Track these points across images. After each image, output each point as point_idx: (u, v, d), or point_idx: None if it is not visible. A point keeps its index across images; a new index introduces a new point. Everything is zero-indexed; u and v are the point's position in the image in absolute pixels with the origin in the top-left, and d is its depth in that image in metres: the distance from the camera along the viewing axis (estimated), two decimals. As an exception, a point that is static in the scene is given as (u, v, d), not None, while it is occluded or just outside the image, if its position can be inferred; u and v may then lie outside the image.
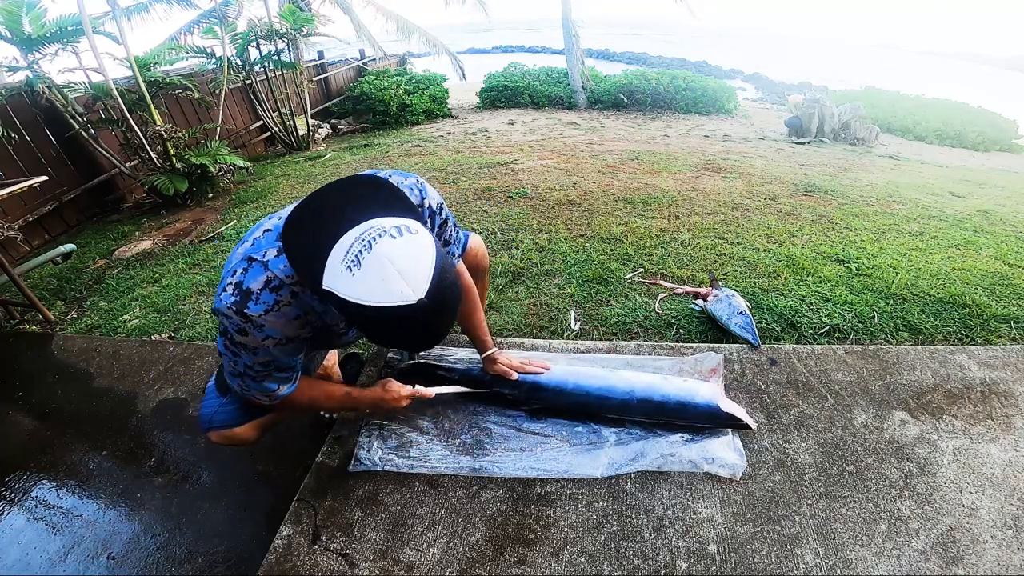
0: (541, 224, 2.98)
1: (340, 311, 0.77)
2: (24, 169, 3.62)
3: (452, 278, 0.78)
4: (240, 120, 6.21)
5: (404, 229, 0.75)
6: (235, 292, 0.86)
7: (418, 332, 0.78)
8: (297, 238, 0.81)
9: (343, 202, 0.81)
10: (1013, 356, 1.59)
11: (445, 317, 0.79)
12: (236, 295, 0.86)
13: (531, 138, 6.37)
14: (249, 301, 0.86)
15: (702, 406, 1.31)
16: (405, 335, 0.80)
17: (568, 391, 1.37)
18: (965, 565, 1.02)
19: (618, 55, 23.61)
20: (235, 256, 0.92)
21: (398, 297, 0.71)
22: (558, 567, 1.05)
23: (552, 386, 1.39)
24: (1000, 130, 9.50)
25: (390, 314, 0.72)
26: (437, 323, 0.78)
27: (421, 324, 0.75)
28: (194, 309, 2.39)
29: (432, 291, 0.73)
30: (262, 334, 0.89)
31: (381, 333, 0.80)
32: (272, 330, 0.89)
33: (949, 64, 35.73)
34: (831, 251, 2.52)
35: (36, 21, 3.37)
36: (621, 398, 1.34)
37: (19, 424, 1.77)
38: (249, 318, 0.86)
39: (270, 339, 0.90)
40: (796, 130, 7.54)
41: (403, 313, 0.72)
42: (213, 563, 1.24)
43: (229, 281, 0.87)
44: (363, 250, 0.72)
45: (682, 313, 1.99)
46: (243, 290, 0.86)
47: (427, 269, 0.73)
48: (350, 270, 0.72)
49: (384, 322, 0.74)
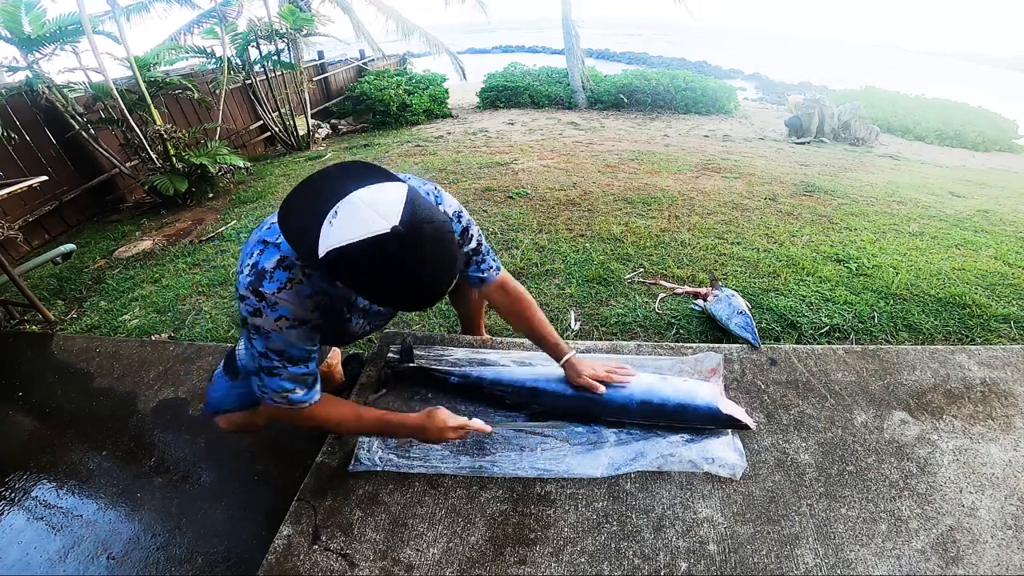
0: (541, 224, 2.98)
1: (334, 275, 0.79)
2: (24, 169, 3.62)
3: (430, 212, 0.78)
4: (240, 120, 6.21)
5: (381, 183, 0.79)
6: (251, 272, 0.90)
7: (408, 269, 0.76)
8: (293, 219, 0.83)
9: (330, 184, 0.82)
10: (1013, 356, 1.59)
11: (431, 254, 0.77)
12: (252, 275, 0.90)
13: (531, 138, 6.37)
14: (264, 279, 0.89)
15: (702, 408, 1.30)
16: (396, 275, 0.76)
17: (568, 395, 1.36)
18: (965, 565, 1.02)
19: (618, 55, 23.61)
20: (251, 241, 0.95)
21: (370, 228, 0.73)
22: (558, 567, 1.05)
23: (552, 389, 1.38)
24: (1000, 130, 9.50)
25: (368, 248, 0.73)
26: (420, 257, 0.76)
27: (406, 258, 0.75)
28: (194, 309, 2.39)
29: (406, 218, 0.74)
30: (275, 313, 0.91)
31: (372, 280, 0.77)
32: (284, 308, 0.91)
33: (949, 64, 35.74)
34: (831, 251, 2.52)
35: (36, 21, 3.37)
36: (621, 401, 1.33)
37: (19, 424, 1.77)
38: (263, 296, 0.89)
39: (283, 319, 0.92)
40: (796, 130, 7.54)
41: (380, 244, 0.73)
42: (213, 563, 1.24)
43: (246, 263, 0.92)
44: (340, 206, 0.75)
45: (682, 313, 1.99)
46: (258, 270, 0.90)
47: (399, 200, 0.75)
48: (331, 224, 0.75)
49: (366, 261, 0.74)
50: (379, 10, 8.97)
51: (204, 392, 1.78)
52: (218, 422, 1.20)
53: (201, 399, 1.75)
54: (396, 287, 0.78)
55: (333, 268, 0.77)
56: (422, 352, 1.60)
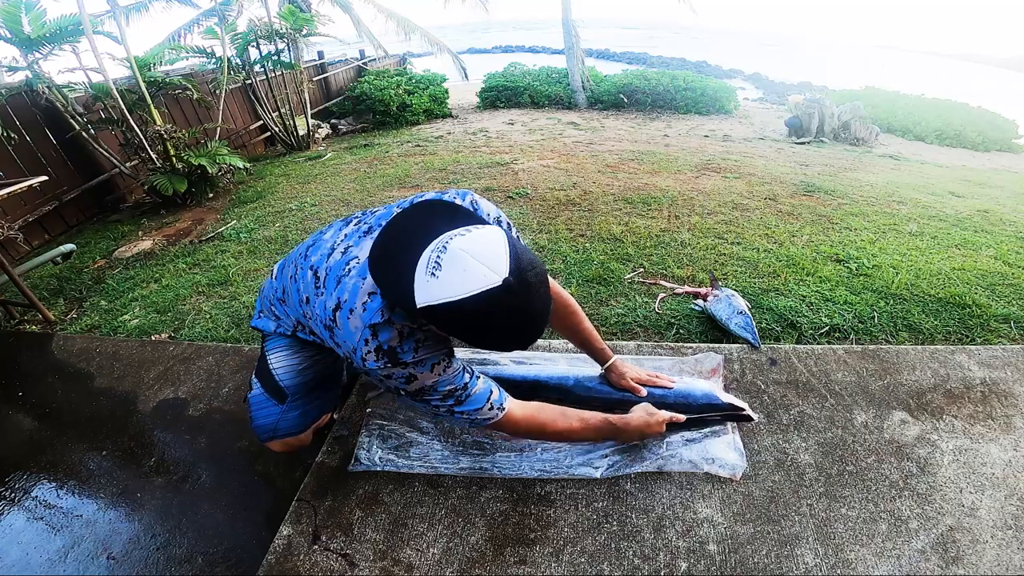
0: (541, 224, 2.98)
1: (441, 327, 0.78)
2: (24, 169, 3.62)
3: (531, 257, 0.78)
4: (240, 120, 6.21)
5: (472, 227, 0.78)
6: (379, 356, 0.88)
7: (519, 317, 0.76)
8: (385, 277, 0.81)
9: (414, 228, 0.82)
10: (1013, 356, 1.59)
11: (537, 300, 0.77)
12: (383, 357, 0.88)
13: (531, 138, 6.37)
14: (398, 353, 0.89)
15: (700, 399, 1.32)
16: (505, 325, 0.77)
17: (569, 388, 1.37)
18: (965, 565, 1.02)
19: (618, 55, 23.63)
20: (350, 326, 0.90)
21: (482, 281, 0.72)
22: (558, 567, 1.05)
23: (554, 384, 1.39)
24: (1000, 130, 9.50)
25: (482, 302, 0.72)
26: (529, 308, 0.76)
27: (517, 307, 0.74)
28: (194, 309, 2.39)
29: (514, 268, 0.73)
30: (427, 367, 0.92)
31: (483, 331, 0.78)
32: (432, 358, 0.92)
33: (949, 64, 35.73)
34: (831, 251, 2.52)
35: (36, 21, 3.37)
36: (622, 394, 1.34)
37: (19, 424, 1.77)
38: (407, 364, 0.90)
39: (437, 367, 0.93)
40: (796, 130, 7.54)
41: (494, 297, 0.72)
42: (213, 563, 1.24)
43: (365, 350, 0.88)
44: (439, 254, 0.74)
45: (682, 313, 1.99)
46: (386, 350, 0.88)
47: (503, 249, 0.74)
48: (434, 276, 0.73)
49: (481, 315, 0.73)
50: (379, 10, 8.98)
51: (204, 392, 1.78)
52: (271, 446, 1.21)
53: (201, 399, 1.75)
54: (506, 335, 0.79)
55: (437, 319, 0.76)
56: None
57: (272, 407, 1.19)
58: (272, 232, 3.24)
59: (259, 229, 3.34)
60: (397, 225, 0.84)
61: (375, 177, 4.47)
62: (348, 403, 1.51)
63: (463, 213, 0.85)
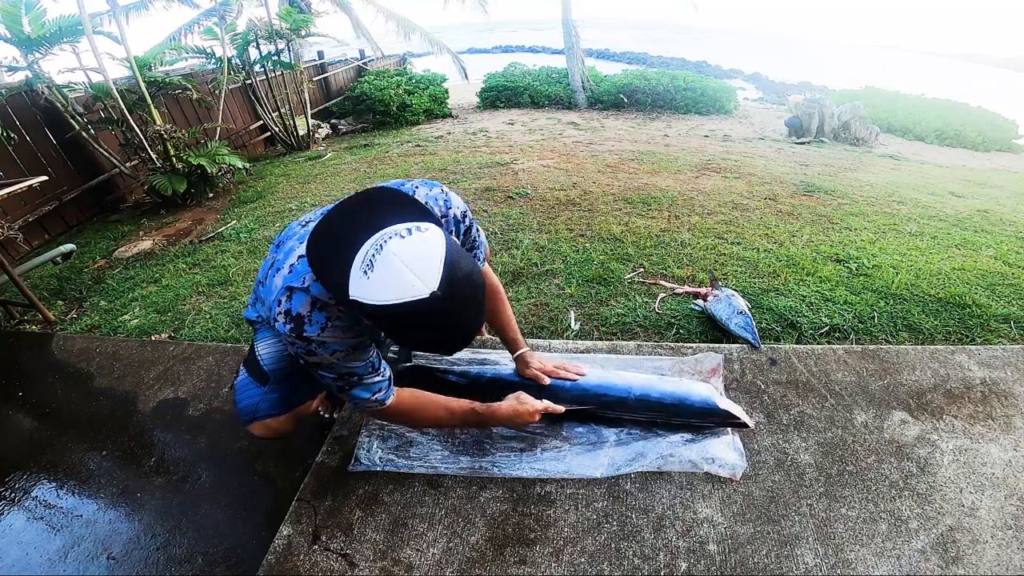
0: (541, 224, 2.98)
1: (368, 318, 0.79)
2: (24, 169, 3.62)
3: (468, 270, 0.78)
4: (240, 120, 6.21)
5: (414, 229, 0.77)
6: (287, 320, 0.91)
7: (441, 328, 0.78)
8: (322, 257, 0.83)
9: (359, 215, 0.82)
10: (1013, 356, 1.59)
11: (467, 312, 0.79)
12: (290, 322, 0.91)
13: (531, 138, 6.37)
14: (304, 324, 0.91)
15: (698, 403, 1.31)
16: (431, 332, 0.79)
17: (566, 389, 1.37)
18: (965, 565, 1.02)
19: (618, 55, 23.62)
20: (274, 285, 0.94)
21: (410, 292, 0.72)
22: (558, 567, 1.05)
23: (551, 383, 1.39)
24: (1000, 130, 9.50)
25: (408, 311, 0.73)
26: (457, 319, 0.78)
27: (440, 319, 0.75)
28: (194, 309, 2.39)
29: (445, 283, 0.73)
30: (327, 351, 0.93)
31: (407, 334, 0.81)
32: (335, 344, 0.94)
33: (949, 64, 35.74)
34: (831, 251, 2.52)
35: (36, 21, 3.37)
36: (618, 395, 1.34)
37: (19, 424, 1.77)
38: (310, 339, 0.91)
39: (337, 352, 0.94)
40: (796, 130, 7.54)
41: (419, 308, 0.73)
42: (213, 563, 1.24)
43: (278, 311, 0.92)
44: (375, 253, 0.74)
45: (682, 313, 1.99)
46: (294, 316, 0.91)
47: (437, 261, 0.74)
48: (366, 274, 0.74)
49: (405, 320, 0.75)
50: (379, 10, 8.97)
51: (204, 392, 1.78)
52: (252, 430, 1.20)
53: (201, 399, 1.75)
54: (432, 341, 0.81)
55: (365, 313, 0.77)
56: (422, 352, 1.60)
57: (254, 389, 1.20)
58: (272, 232, 3.24)
59: (259, 229, 3.34)
60: (345, 209, 0.85)
61: (375, 177, 4.47)
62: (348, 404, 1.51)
63: (412, 206, 0.86)
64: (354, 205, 0.86)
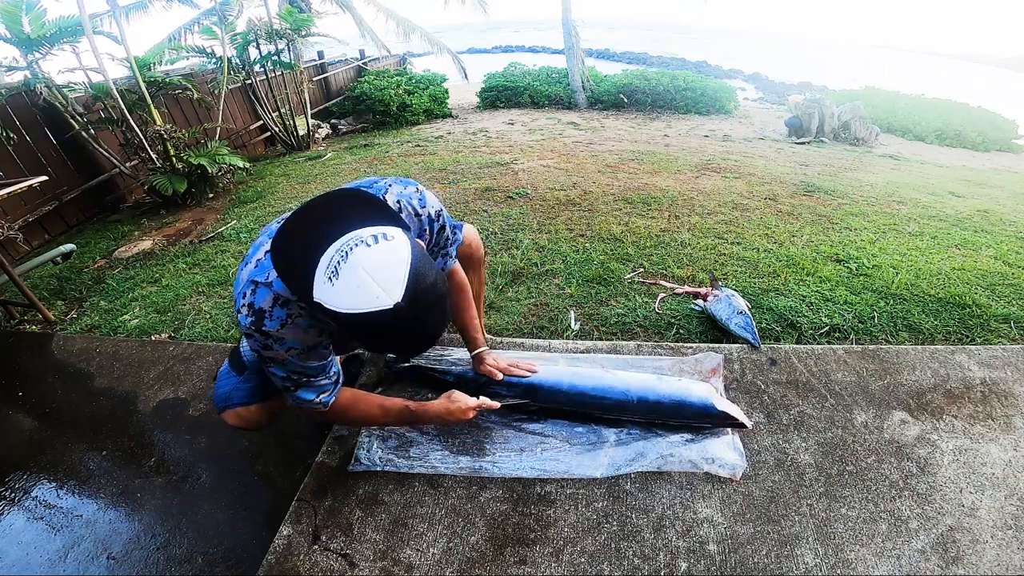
0: (541, 224, 2.98)
1: (332, 321, 0.79)
2: (24, 169, 3.62)
3: (432, 280, 0.79)
4: (240, 120, 6.21)
5: (380, 236, 0.77)
6: (249, 313, 0.91)
7: (403, 337, 0.81)
8: (287, 257, 0.82)
9: (326, 217, 0.82)
10: (1013, 356, 1.59)
11: (429, 320, 0.81)
12: (251, 315, 0.91)
13: (531, 138, 6.36)
14: (264, 319, 0.91)
15: (697, 404, 1.31)
16: (392, 340, 0.81)
17: (563, 391, 1.37)
18: (965, 565, 1.02)
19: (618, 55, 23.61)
20: (241, 278, 0.95)
21: (373, 303, 0.73)
22: (558, 567, 1.05)
23: (548, 387, 1.38)
24: (1000, 130, 9.50)
25: (370, 320, 0.74)
26: (419, 327, 0.80)
27: (402, 329, 0.77)
28: (194, 309, 2.39)
29: (408, 294, 0.74)
30: (283, 347, 0.94)
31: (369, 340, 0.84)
32: (292, 342, 0.94)
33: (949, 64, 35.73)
34: (831, 251, 2.52)
35: (36, 21, 3.37)
36: (617, 398, 1.34)
37: (19, 424, 1.77)
38: (268, 334, 0.92)
39: (292, 350, 0.95)
40: (796, 130, 7.54)
41: (381, 318, 0.74)
42: (213, 563, 1.24)
43: (242, 303, 0.92)
44: (340, 260, 0.75)
45: (682, 313, 1.99)
46: (255, 310, 0.91)
47: (401, 274, 0.75)
48: (330, 281, 0.74)
49: (367, 329, 0.76)
50: (379, 10, 8.98)
51: (204, 392, 1.78)
52: (226, 418, 1.21)
53: (201, 399, 1.75)
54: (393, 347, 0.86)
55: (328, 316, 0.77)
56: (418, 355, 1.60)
57: (231, 378, 1.23)
58: (272, 232, 3.24)
59: (259, 229, 3.33)
60: (313, 210, 0.85)
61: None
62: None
63: (381, 210, 0.86)
64: (322, 206, 0.85)
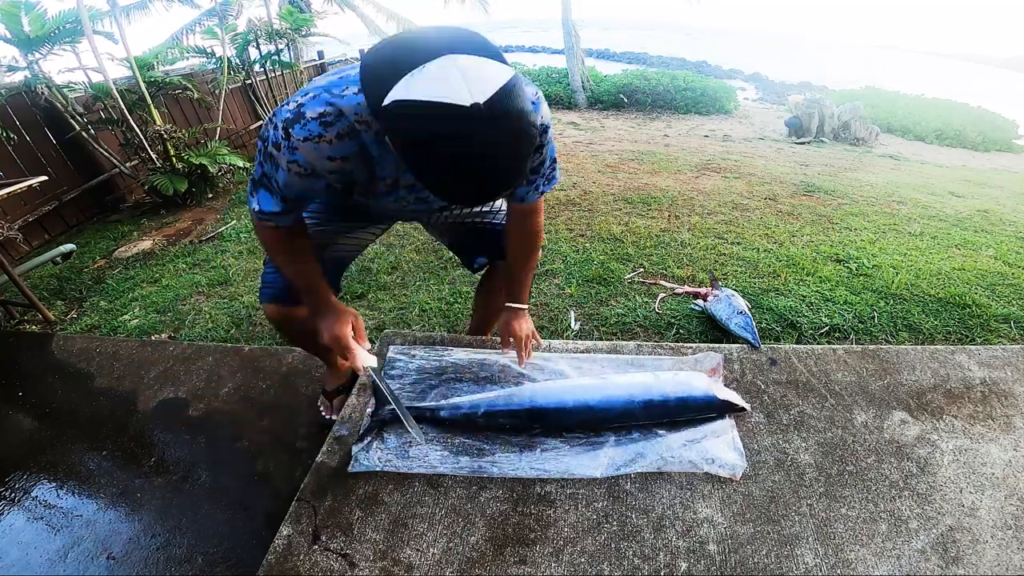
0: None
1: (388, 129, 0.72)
2: (24, 169, 3.62)
3: (524, 108, 0.69)
4: (240, 120, 6.21)
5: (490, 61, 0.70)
6: (293, 111, 0.87)
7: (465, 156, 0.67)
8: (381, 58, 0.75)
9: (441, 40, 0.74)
10: (1013, 356, 1.59)
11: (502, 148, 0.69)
12: (292, 114, 0.87)
13: (531, 138, 6.36)
14: (298, 123, 0.86)
15: (701, 398, 1.33)
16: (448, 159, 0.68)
17: (568, 409, 1.33)
18: (965, 565, 1.02)
19: (618, 55, 23.62)
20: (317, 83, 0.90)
21: (451, 94, 0.63)
22: (558, 567, 1.05)
23: (552, 407, 1.34)
24: (1000, 130, 9.51)
25: (437, 114, 0.64)
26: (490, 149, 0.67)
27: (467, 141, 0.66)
28: (194, 309, 2.39)
29: (493, 104, 0.64)
30: (291, 156, 0.89)
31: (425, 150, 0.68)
32: (301, 156, 0.88)
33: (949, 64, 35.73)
34: (831, 251, 2.52)
35: (36, 21, 3.37)
36: (623, 406, 1.32)
37: (19, 424, 1.77)
38: (289, 136, 0.87)
39: (296, 164, 0.90)
40: (796, 130, 7.54)
41: (451, 116, 0.63)
42: (213, 563, 1.24)
43: (295, 100, 0.88)
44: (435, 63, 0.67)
45: (682, 313, 1.99)
46: (299, 112, 0.86)
47: (494, 84, 0.66)
48: (412, 76, 0.67)
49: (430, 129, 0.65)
50: (379, 10, 8.98)
51: (204, 392, 1.78)
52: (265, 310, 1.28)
53: (201, 399, 1.76)
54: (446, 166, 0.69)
55: (390, 121, 0.69)
56: (422, 353, 1.60)
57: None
58: (272, 232, 3.24)
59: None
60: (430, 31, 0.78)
61: (375, 177, 4.47)
62: (348, 403, 1.50)
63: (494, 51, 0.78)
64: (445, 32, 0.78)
